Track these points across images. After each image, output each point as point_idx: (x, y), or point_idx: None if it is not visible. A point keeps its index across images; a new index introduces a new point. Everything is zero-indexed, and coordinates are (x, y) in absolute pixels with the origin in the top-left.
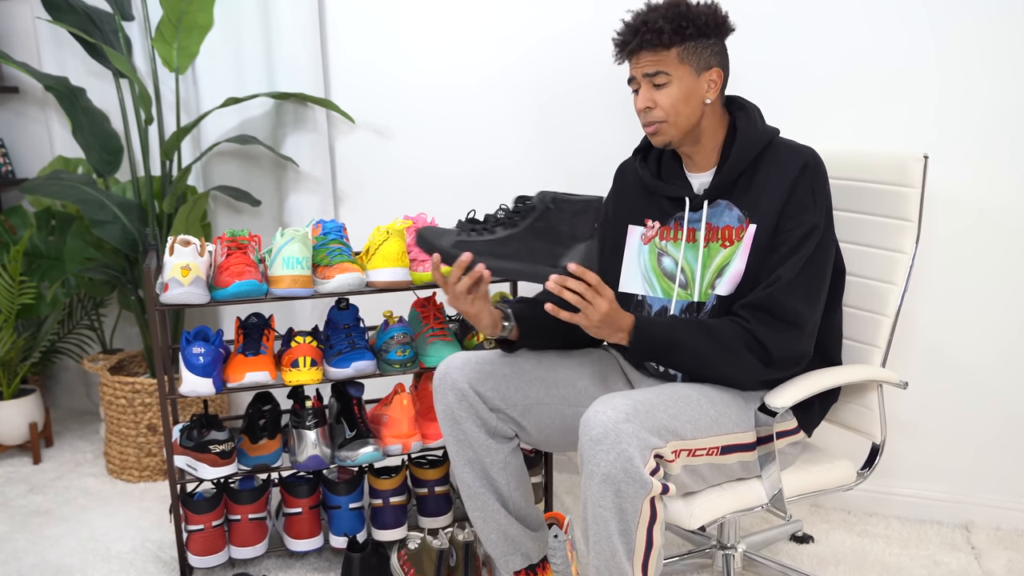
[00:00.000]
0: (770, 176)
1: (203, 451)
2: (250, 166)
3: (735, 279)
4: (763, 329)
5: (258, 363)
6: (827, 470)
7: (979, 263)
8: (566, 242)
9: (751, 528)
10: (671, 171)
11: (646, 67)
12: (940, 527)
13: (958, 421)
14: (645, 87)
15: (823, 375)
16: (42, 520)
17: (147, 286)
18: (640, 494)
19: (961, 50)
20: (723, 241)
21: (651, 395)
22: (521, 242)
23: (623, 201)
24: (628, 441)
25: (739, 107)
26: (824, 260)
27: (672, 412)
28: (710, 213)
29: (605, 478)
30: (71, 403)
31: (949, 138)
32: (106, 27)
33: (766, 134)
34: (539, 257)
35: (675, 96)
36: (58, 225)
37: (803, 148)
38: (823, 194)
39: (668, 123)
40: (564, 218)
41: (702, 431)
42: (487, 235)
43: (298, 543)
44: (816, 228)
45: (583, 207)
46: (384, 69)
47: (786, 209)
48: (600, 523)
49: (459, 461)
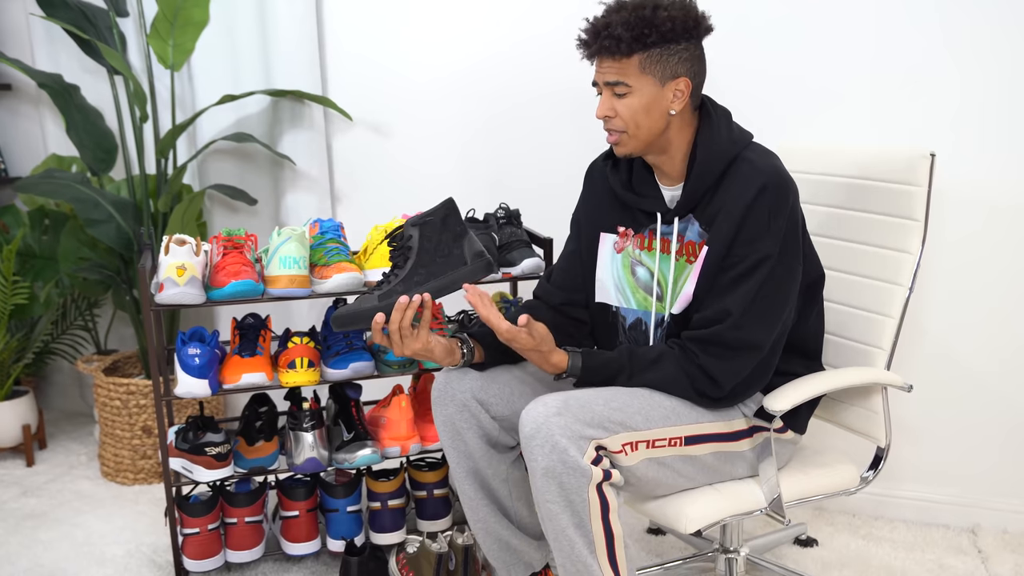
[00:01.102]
0: (728, 196)
1: (199, 453)
2: (246, 164)
3: (685, 299)
4: (713, 362)
5: (254, 364)
6: (830, 474)
7: (988, 265)
8: (455, 243)
9: (754, 532)
10: (643, 180)
11: (607, 74)
12: (946, 530)
13: (965, 424)
14: (606, 94)
15: (825, 378)
16: (35, 524)
17: (142, 286)
18: (582, 483)
19: (971, 48)
20: (688, 256)
21: (591, 392)
22: (424, 265)
23: (593, 205)
24: (560, 433)
25: (705, 115)
26: (776, 288)
27: (615, 405)
28: (681, 227)
29: (545, 472)
30: (65, 405)
31: (957, 136)
32: (100, 23)
33: (732, 146)
34: (447, 264)
35: (635, 107)
36: (52, 224)
37: (766, 167)
38: (781, 219)
39: (628, 134)
40: (436, 231)
41: (656, 422)
42: (394, 276)
43: (295, 547)
44: (768, 258)
45: (442, 213)
46: (383, 65)
47: (739, 235)
48: (552, 518)
49: (460, 473)
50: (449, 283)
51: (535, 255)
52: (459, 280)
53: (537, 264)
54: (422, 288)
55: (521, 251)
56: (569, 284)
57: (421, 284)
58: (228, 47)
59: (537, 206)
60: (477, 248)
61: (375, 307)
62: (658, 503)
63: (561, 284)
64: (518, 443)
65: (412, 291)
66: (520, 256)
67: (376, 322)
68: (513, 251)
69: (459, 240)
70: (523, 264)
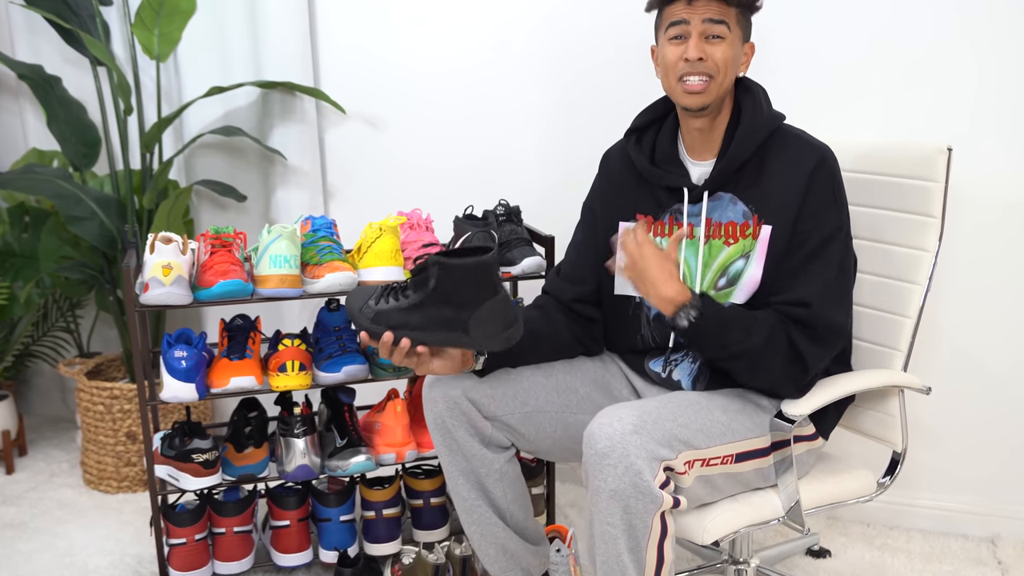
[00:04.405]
0: (781, 170)
1: (185, 460)
2: (235, 159)
3: (751, 287)
4: (805, 343)
5: (243, 367)
6: (845, 480)
7: (1006, 261)
8: (469, 305)
9: (765, 542)
10: (667, 157)
11: (711, 12)
12: (965, 540)
13: (984, 428)
14: (697, 37)
15: (842, 381)
16: (15, 534)
17: (126, 286)
18: (651, 509)
19: (989, 37)
20: (727, 238)
21: (658, 404)
22: (432, 307)
23: (610, 194)
24: (636, 454)
25: (744, 88)
26: (850, 263)
27: (682, 421)
28: (710, 207)
29: (613, 494)
30: (46, 410)
31: (973, 129)
32: (83, 12)
33: (772, 120)
34: (449, 324)
35: (728, 55)
36: (32, 221)
37: (817, 142)
38: (842, 193)
39: (716, 80)
40: (458, 282)
41: (715, 439)
42: (402, 299)
43: (286, 558)
44: (840, 230)
45: (474, 270)
46: (377, 56)
47: (804, 209)
48: (609, 541)
49: (452, 472)
50: (438, 342)
51: (536, 254)
52: (451, 344)
53: (538, 263)
54: (415, 335)
55: (521, 249)
56: (580, 277)
57: (413, 329)
58: (216, 37)
59: (538, 203)
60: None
61: (364, 325)
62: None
63: (572, 278)
64: (513, 443)
65: (402, 332)
66: (520, 255)
67: (361, 338)
68: (513, 249)
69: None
70: (523, 263)
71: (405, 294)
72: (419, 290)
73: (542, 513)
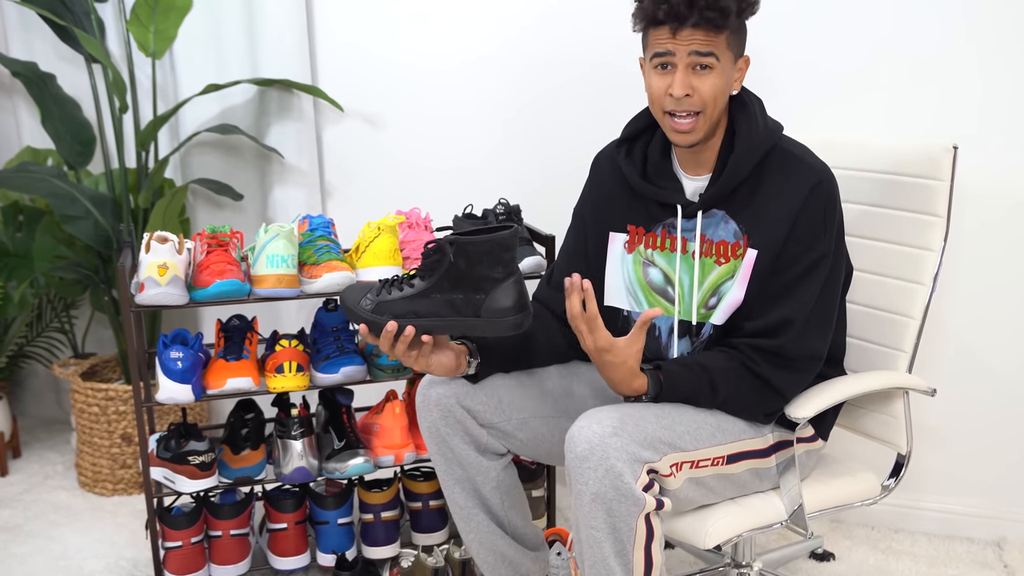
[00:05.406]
0: (775, 193)
1: (181, 463)
2: (232, 158)
3: (732, 306)
4: (781, 375)
5: (240, 368)
6: (849, 483)
7: (1012, 260)
8: (485, 287)
9: (768, 545)
10: (659, 171)
11: (698, 45)
12: (970, 544)
13: (990, 430)
14: (684, 69)
15: (847, 383)
16: (9, 537)
17: (121, 286)
18: (633, 512)
19: (995, 34)
20: (718, 257)
21: (643, 407)
22: (440, 293)
23: (601, 202)
24: (616, 456)
25: (739, 105)
26: (833, 289)
27: (666, 423)
28: (704, 223)
29: (595, 497)
30: (40, 411)
31: (978, 127)
32: (77, 8)
33: (769, 136)
34: (459, 308)
35: (717, 85)
36: (26, 221)
37: (815, 162)
38: (834, 218)
39: (705, 115)
40: (473, 262)
41: (703, 441)
42: (407, 289)
43: (283, 561)
44: (825, 258)
45: (488, 247)
46: (375, 53)
47: (793, 231)
48: (594, 545)
49: (448, 481)
50: (446, 328)
51: (536, 253)
52: (459, 330)
53: (538, 263)
54: (421, 322)
55: (522, 249)
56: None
57: (419, 316)
58: (212, 34)
59: (538, 202)
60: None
61: (364, 317)
62: (675, 517)
63: (562, 287)
64: (509, 450)
65: (407, 320)
66: (521, 254)
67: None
68: None
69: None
70: (524, 263)
71: (410, 283)
72: (428, 275)
73: (542, 516)
